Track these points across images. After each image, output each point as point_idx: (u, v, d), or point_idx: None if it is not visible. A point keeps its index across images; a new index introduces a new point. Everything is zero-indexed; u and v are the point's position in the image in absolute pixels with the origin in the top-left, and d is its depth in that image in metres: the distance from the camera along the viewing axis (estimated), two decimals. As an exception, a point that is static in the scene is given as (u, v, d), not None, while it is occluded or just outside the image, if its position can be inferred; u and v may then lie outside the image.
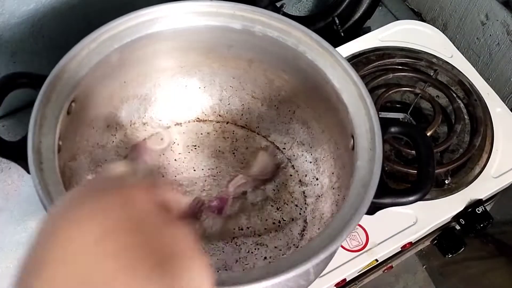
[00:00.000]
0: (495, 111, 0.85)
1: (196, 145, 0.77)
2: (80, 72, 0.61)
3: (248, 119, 0.78)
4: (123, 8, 0.71)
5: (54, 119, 0.57)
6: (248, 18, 0.67)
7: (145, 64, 0.70)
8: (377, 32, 0.93)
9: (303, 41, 0.66)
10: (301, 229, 0.72)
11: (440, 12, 1.05)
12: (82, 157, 0.68)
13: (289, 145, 0.77)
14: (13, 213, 0.79)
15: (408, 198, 0.58)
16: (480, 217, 0.76)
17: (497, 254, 0.84)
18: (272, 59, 0.70)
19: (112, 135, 0.73)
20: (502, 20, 0.92)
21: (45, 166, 0.54)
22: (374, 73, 0.87)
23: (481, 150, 0.81)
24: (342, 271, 0.71)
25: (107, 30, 0.63)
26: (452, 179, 0.78)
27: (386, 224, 0.74)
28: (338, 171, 0.69)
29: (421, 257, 0.81)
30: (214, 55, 0.72)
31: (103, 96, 0.69)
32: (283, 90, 0.74)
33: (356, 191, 0.56)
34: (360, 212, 0.55)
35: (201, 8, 0.67)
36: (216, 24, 0.67)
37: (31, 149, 0.54)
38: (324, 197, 0.71)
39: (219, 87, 0.77)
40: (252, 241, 0.70)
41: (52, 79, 0.59)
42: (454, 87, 0.87)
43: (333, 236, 0.53)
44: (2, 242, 0.77)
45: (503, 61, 0.95)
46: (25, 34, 0.80)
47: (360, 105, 0.62)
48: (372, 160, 0.58)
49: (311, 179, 0.74)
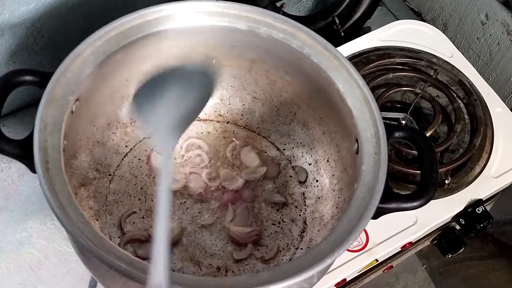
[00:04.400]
0: (495, 111, 0.85)
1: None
2: (85, 70, 0.61)
3: (248, 119, 0.78)
4: (123, 8, 0.71)
5: (60, 117, 0.57)
6: (254, 19, 0.67)
7: (148, 62, 0.70)
8: (377, 32, 0.93)
9: (308, 43, 0.66)
10: (301, 230, 0.72)
11: (440, 12, 1.05)
12: (82, 155, 0.68)
13: (289, 146, 0.77)
14: (13, 213, 0.79)
15: (413, 203, 0.58)
16: (480, 217, 0.77)
17: (497, 254, 0.84)
18: (275, 60, 0.70)
19: (113, 133, 0.73)
20: (502, 20, 0.92)
21: (51, 165, 0.54)
22: (374, 73, 0.88)
23: (481, 150, 0.81)
24: (342, 271, 0.71)
25: (111, 28, 0.63)
26: (452, 179, 0.78)
27: (386, 224, 0.74)
28: (339, 174, 0.69)
29: (421, 257, 0.81)
30: (217, 55, 0.72)
31: (105, 94, 0.69)
32: (285, 91, 0.74)
33: (361, 196, 0.56)
34: (366, 217, 0.55)
35: (207, 8, 0.67)
36: (221, 24, 0.67)
37: (38, 148, 0.54)
38: (324, 198, 0.71)
39: (220, 86, 0.77)
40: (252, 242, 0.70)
41: (58, 77, 0.59)
42: (454, 87, 0.87)
43: (339, 242, 0.53)
44: (2, 242, 0.77)
45: (503, 61, 0.95)
46: (25, 34, 0.80)
47: (365, 109, 0.62)
48: (377, 165, 0.58)
49: (311, 180, 0.74)
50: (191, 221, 0.72)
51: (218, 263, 0.69)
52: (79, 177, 0.68)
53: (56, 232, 0.78)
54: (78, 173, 0.68)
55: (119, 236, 0.69)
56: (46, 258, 0.76)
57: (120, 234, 0.69)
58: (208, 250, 0.70)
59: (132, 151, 0.75)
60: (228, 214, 0.72)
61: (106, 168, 0.72)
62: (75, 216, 0.51)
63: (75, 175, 0.67)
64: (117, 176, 0.73)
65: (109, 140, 0.73)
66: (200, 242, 0.70)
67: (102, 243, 0.50)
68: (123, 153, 0.74)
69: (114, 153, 0.74)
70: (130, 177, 0.73)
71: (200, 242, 0.70)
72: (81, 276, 0.75)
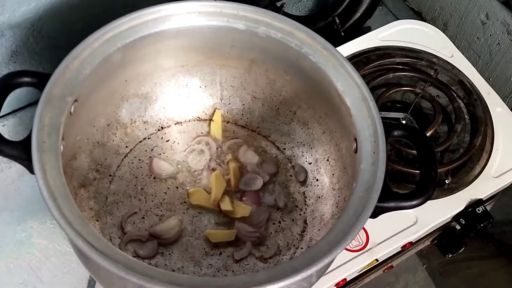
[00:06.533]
0: (496, 110, 0.85)
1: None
2: (83, 71, 0.61)
3: (248, 119, 0.78)
4: (123, 8, 0.71)
5: (58, 118, 0.57)
6: (252, 19, 0.67)
7: (147, 63, 0.70)
8: (377, 31, 0.93)
9: (306, 42, 0.66)
10: (301, 230, 0.72)
11: (440, 11, 1.05)
12: (82, 156, 0.69)
13: (289, 145, 0.77)
14: (13, 213, 0.79)
15: (411, 202, 0.58)
16: (480, 217, 0.77)
17: (497, 254, 0.84)
18: (274, 60, 0.70)
19: (113, 133, 0.73)
20: (502, 20, 0.92)
21: (49, 167, 0.54)
22: (375, 72, 0.88)
23: (481, 149, 0.81)
24: (342, 271, 0.72)
25: (110, 29, 0.63)
26: (452, 179, 0.78)
27: (386, 224, 0.74)
28: (339, 173, 0.69)
29: (421, 257, 0.81)
30: (216, 55, 0.72)
31: (104, 94, 0.69)
32: (284, 90, 0.74)
33: (360, 195, 0.56)
34: (365, 216, 0.55)
35: (205, 8, 0.67)
36: (219, 24, 0.67)
37: (36, 149, 0.54)
38: (324, 198, 0.71)
39: (219, 86, 0.77)
40: (252, 242, 0.70)
41: (56, 78, 0.59)
42: (455, 86, 0.87)
43: (337, 241, 0.53)
44: (2, 242, 0.77)
45: (503, 61, 0.95)
46: (25, 34, 0.80)
47: (363, 108, 0.62)
48: (376, 164, 0.58)
49: (311, 179, 0.74)
50: (191, 221, 0.72)
51: (218, 263, 0.69)
52: (79, 178, 0.68)
53: (56, 232, 0.78)
54: (78, 174, 0.68)
55: (119, 237, 0.69)
56: (46, 258, 0.76)
57: (120, 234, 0.69)
58: (208, 250, 0.70)
59: (132, 151, 0.75)
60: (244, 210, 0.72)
61: (106, 169, 0.72)
62: (73, 217, 0.51)
63: (75, 176, 0.67)
64: (117, 177, 0.73)
65: (109, 141, 0.73)
66: (200, 242, 0.70)
67: (100, 244, 0.50)
68: (123, 153, 0.74)
69: (114, 153, 0.74)
70: (131, 178, 0.73)
71: (200, 242, 0.70)
72: (81, 276, 0.75)
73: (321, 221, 0.70)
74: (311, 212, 0.73)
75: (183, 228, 0.71)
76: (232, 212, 0.72)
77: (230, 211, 0.72)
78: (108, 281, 0.59)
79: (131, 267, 0.49)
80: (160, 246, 0.69)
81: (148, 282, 0.48)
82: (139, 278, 0.48)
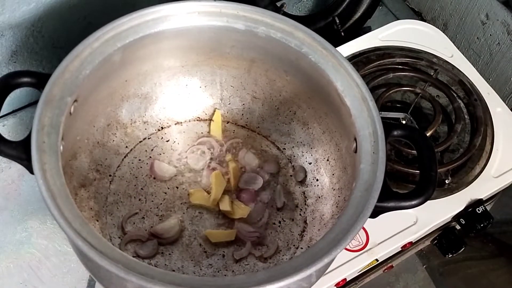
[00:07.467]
0: (496, 110, 0.85)
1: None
2: (83, 72, 0.61)
3: (248, 119, 0.78)
4: (123, 8, 0.71)
5: (57, 118, 0.57)
6: (252, 19, 0.67)
7: (146, 63, 0.71)
8: (377, 31, 0.93)
9: (306, 42, 0.66)
10: (301, 230, 0.72)
11: (440, 11, 1.05)
12: (82, 156, 0.69)
13: (289, 145, 0.77)
14: (13, 213, 0.79)
15: (411, 202, 0.58)
16: (480, 217, 0.77)
17: (497, 254, 0.84)
18: (274, 59, 0.70)
19: (113, 134, 0.73)
20: (502, 20, 0.92)
21: (49, 167, 0.54)
22: (375, 72, 0.88)
23: (481, 150, 0.81)
24: (342, 271, 0.71)
25: (110, 29, 0.63)
26: (452, 179, 0.78)
27: (386, 224, 0.74)
28: (339, 173, 0.70)
29: (421, 257, 0.81)
30: (216, 55, 0.72)
31: (104, 95, 0.69)
32: (284, 90, 0.74)
33: (359, 194, 0.57)
34: (364, 216, 0.55)
35: (205, 8, 0.67)
36: (219, 24, 0.67)
37: (35, 149, 0.54)
38: (324, 198, 0.71)
39: (219, 86, 0.77)
40: (252, 242, 0.70)
41: (55, 78, 0.59)
42: (455, 86, 0.87)
43: (337, 240, 0.53)
44: (2, 242, 0.77)
45: (503, 61, 0.95)
46: (25, 34, 0.80)
47: (363, 107, 0.62)
48: (376, 164, 0.58)
49: (311, 179, 0.75)
50: (191, 221, 0.72)
51: (218, 263, 0.69)
52: (79, 178, 0.68)
53: (56, 232, 0.78)
54: (78, 174, 0.68)
55: (119, 237, 0.69)
56: (46, 258, 0.76)
57: (120, 234, 0.69)
58: (208, 250, 0.70)
59: (132, 151, 0.75)
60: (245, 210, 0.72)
61: (106, 169, 0.72)
62: (73, 217, 0.51)
63: (75, 176, 0.67)
64: (117, 177, 0.73)
65: (109, 141, 0.73)
66: (200, 241, 0.70)
67: (100, 244, 0.50)
68: (123, 153, 0.74)
69: (114, 153, 0.74)
70: (131, 178, 0.73)
71: (200, 241, 0.70)
72: (81, 276, 0.75)
73: (321, 221, 0.70)
74: (311, 212, 0.73)
75: (183, 228, 0.71)
76: (231, 213, 0.72)
77: (228, 211, 0.72)
78: (108, 281, 0.59)
79: (131, 267, 0.49)
80: (160, 246, 0.69)
81: (148, 282, 0.48)
82: (139, 278, 0.48)
